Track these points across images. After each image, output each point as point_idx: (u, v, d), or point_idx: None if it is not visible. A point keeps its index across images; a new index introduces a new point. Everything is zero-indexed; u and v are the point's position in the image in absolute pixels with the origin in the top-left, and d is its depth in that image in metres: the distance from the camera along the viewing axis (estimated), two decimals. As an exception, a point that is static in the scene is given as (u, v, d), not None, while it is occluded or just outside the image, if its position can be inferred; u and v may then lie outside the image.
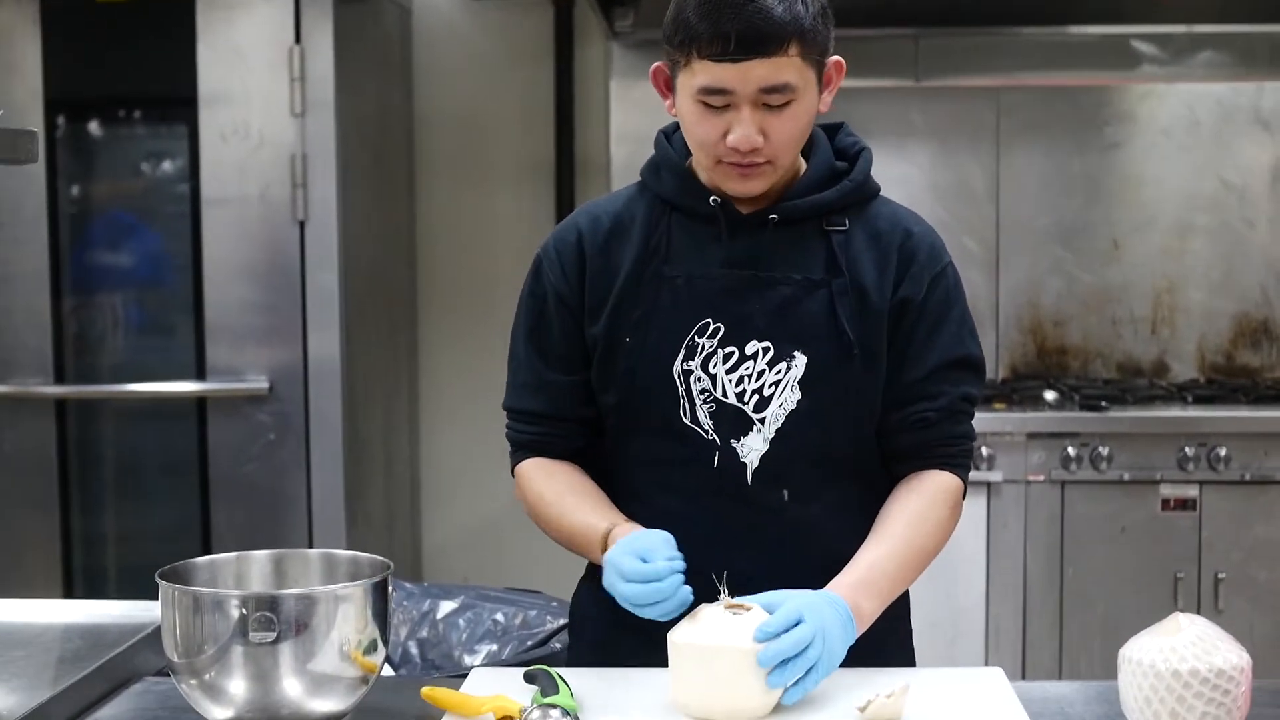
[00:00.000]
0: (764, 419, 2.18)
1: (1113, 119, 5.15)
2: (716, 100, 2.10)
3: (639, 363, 2.22)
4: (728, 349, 2.19)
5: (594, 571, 2.34)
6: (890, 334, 2.21)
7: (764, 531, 2.20)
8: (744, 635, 1.94)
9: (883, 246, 2.22)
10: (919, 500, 2.21)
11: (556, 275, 2.29)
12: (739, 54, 2.06)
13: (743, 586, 2.06)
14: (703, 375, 2.19)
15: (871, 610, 2.09)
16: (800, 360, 2.17)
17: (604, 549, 2.12)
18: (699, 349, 2.19)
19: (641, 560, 2.04)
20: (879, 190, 2.29)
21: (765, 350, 2.18)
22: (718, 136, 2.12)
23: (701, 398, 2.20)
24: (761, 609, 1.99)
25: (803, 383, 2.18)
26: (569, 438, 2.30)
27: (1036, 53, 5.17)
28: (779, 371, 2.18)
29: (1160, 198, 5.14)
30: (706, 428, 2.20)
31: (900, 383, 2.23)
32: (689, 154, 2.26)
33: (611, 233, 2.27)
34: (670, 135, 2.32)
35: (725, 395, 2.19)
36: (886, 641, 2.25)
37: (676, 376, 2.20)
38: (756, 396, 2.18)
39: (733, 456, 2.19)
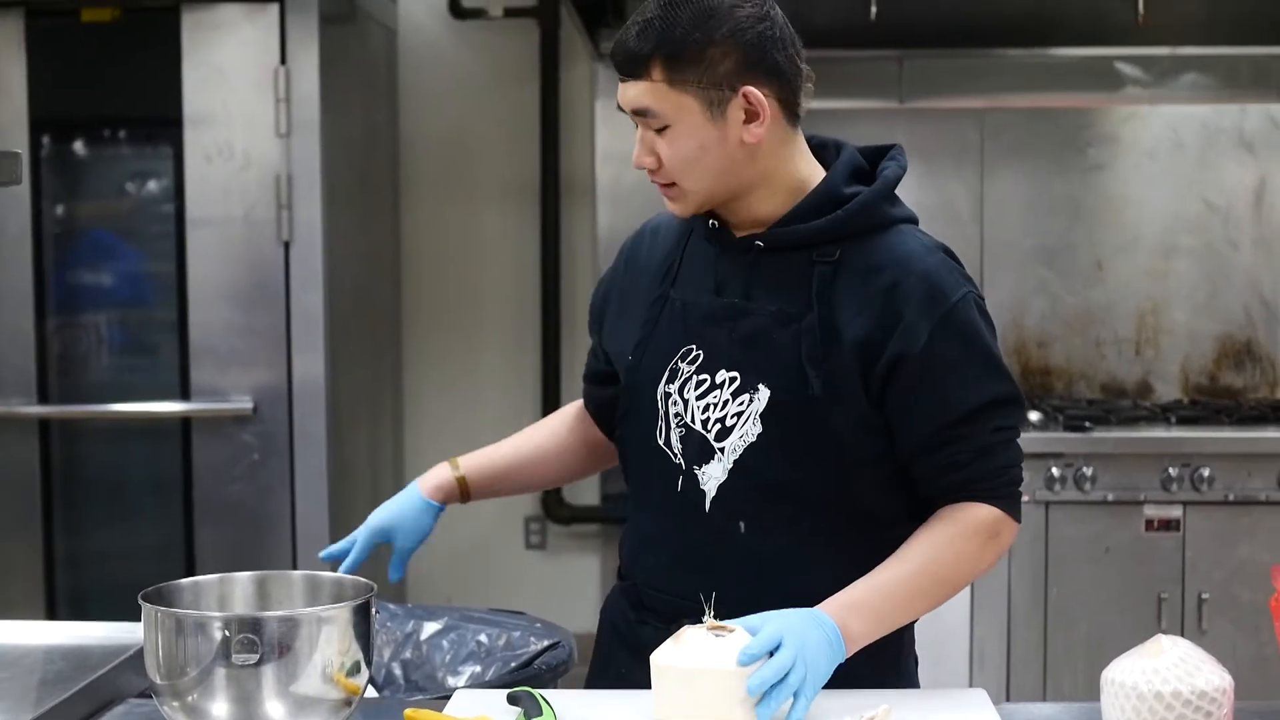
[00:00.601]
0: (724, 448, 2.17)
1: (1096, 140, 5.17)
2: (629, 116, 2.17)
3: (635, 380, 2.26)
4: (701, 375, 2.19)
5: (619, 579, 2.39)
6: (884, 383, 2.12)
7: (722, 560, 2.19)
8: (727, 657, 1.94)
9: (870, 286, 2.13)
10: (945, 530, 2.14)
11: (608, 274, 2.43)
12: (620, 75, 2.14)
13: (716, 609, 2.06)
14: (678, 399, 2.20)
15: (862, 632, 2.06)
16: (764, 393, 2.14)
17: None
18: (679, 373, 2.21)
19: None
20: (896, 220, 2.20)
21: (732, 380, 2.17)
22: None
23: (675, 421, 2.21)
24: (745, 631, 1.98)
25: (764, 416, 2.14)
26: (591, 393, 2.46)
27: (1020, 74, 5.20)
28: (742, 403, 2.15)
29: (1144, 219, 5.15)
30: (675, 451, 2.21)
31: (927, 429, 2.14)
32: None
33: (650, 247, 2.34)
34: None
35: (693, 421, 2.19)
36: (888, 675, 2.24)
37: (659, 398, 2.22)
38: (719, 425, 2.17)
39: (694, 483, 2.19)
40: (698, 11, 2.09)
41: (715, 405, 2.17)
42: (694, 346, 2.20)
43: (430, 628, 2.75)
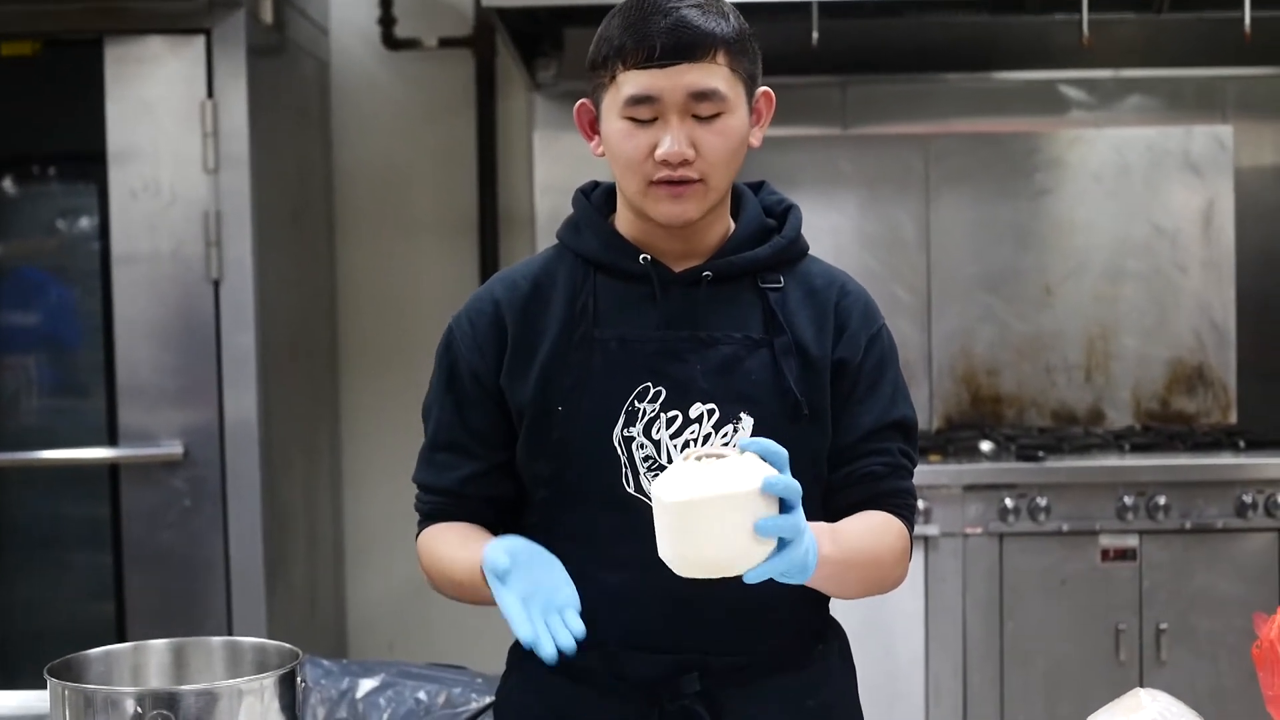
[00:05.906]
0: None
1: (1042, 165, 5.11)
2: (644, 112, 2.04)
3: (573, 432, 2.11)
4: (670, 413, 2.09)
5: (522, 659, 2.22)
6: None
7: (716, 603, 2.06)
8: (742, 479, 1.81)
9: (819, 303, 2.17)
10: (872, 518, 2.14)
11: (469, 349, 2.19)
12: (666, 59, 2.02)
13: (705, 662, 2.06)
14: (646, 442, 2.09)
15: (829, 554, 1.96)
16: (747, 422, 2.09)
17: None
18: (640, 414, 2.10)
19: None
20: (808, 248, 2.24)
21: (710, 413, 2.09)
22: (645, 153, 2.05)
23: (645, 465, 2.09)
24: (736, 455, 1.85)
25: None
26: (479, 513, 2.21)
27: (964, 99, 5.15)
28: (725, 434, 2.09)
29: (1092, 243, 5.10)
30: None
31: (840, 444, 2.16)
32: (611, 210, 2.18)
33: (531, 297, 2.17)
34: (590, 193, 2.24)
35: (669, 461, 2.08)
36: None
37: (617, 444, 2.09)
38: None
39: None
40: (733, 5, 2.11)
41: (695, 441, 2.09)
42: (651, 384, 2.10)
43: (367, 685, 2.65)
